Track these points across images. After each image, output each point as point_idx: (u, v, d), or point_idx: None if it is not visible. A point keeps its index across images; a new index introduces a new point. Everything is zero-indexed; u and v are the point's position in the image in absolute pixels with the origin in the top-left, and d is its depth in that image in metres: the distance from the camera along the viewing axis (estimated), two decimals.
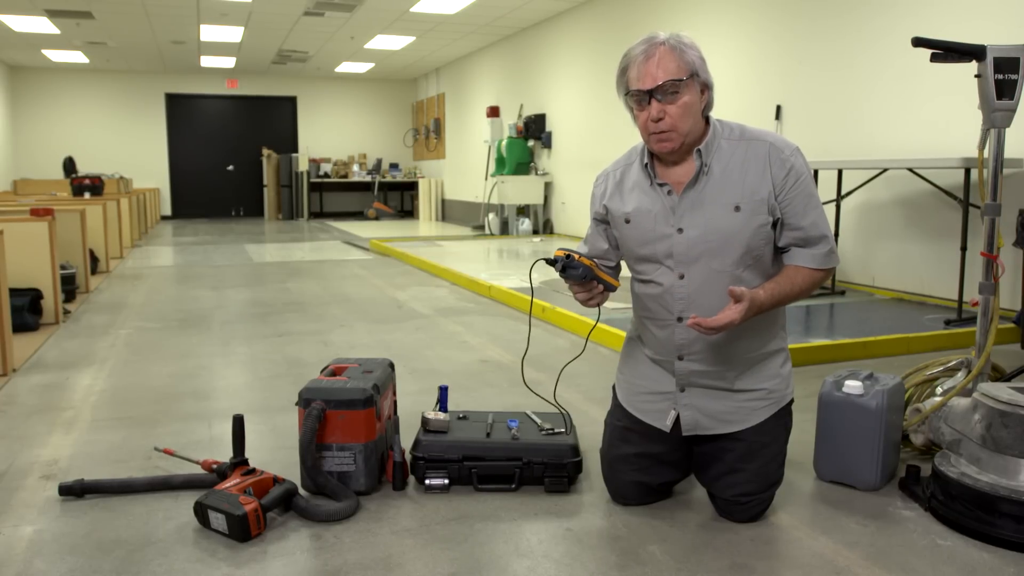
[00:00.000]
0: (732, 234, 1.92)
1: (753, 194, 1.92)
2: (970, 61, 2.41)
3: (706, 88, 1.94)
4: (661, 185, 1.98)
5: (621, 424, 2.15)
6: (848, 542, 1.93)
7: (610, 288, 2.04)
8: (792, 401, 2.10)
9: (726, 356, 1.99)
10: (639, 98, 1.90)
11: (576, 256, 1.95)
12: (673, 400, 2.06)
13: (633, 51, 1.92)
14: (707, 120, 1.98)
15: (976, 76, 2.40)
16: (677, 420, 2.06)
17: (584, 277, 1.96)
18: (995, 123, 2.40)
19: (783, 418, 2.07)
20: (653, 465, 2.10)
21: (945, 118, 4.96)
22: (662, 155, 1.97)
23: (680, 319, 1.99)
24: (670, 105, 1.88)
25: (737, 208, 1.92)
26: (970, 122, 4.77)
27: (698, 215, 1.94)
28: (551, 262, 1.96)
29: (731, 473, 2.01)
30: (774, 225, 1.95)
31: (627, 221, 2.04)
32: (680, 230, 1.96)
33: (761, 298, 1.87)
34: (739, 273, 1.95)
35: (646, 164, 2.01)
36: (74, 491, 2.19)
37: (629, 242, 2.06)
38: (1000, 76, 2.36)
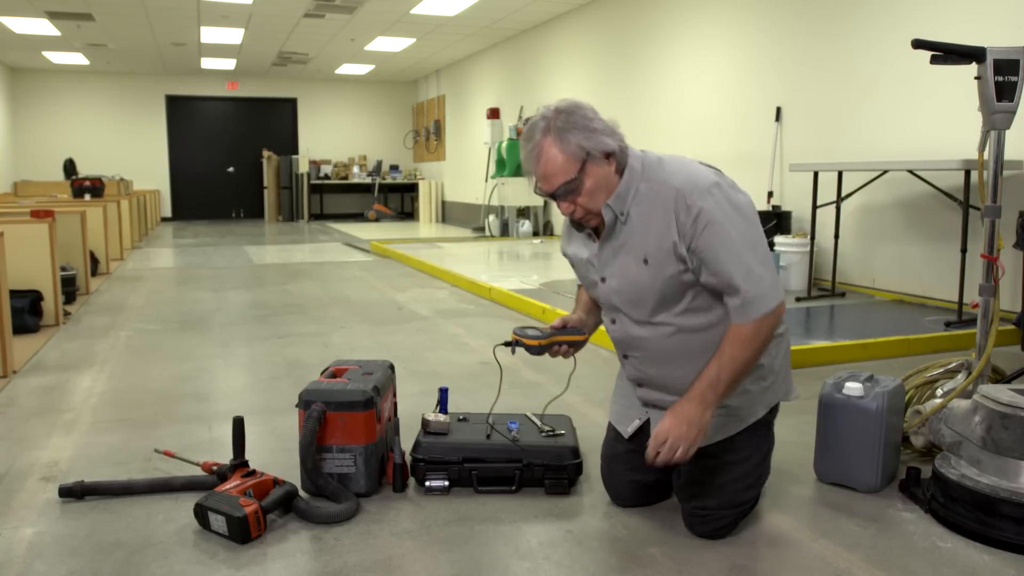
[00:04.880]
0: (644, 287, 1.87)
1: (659, 245, 1.82)
2: (970, 63, 2.41)
3: (610, 155, 1.83)
4: (590, 233, 1.97)
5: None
6: (848, 544, 1.93)
7: (577, 345, 2.09)
8: (769, 421, 2.01)
9: (682, 388, 1.89)
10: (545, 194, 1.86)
11: (525, 341, 2.04)
12: (639, 410, 2.09)
13: (523, 143, 1.86)
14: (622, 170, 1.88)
15: (976, 78, 2.40)
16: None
17: (540, 353, 2.07)
18: (995, 125, 2.40)
19: (755, 438, 1.98)
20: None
21: (945, 120, 4.96)
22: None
23: (626, 356, 2.03)
24: (576, 197, 1.83)
25: (645, 261, 1.85)
26: (970, 124, 4.76)
27: (617, 265, 1.91)
28: (507, 344, 2.09)
29: (693, 484, 1.96)
30: (695, 270, 1.83)
31: (572, 265, 2.09)
32: (603, 279, 1.96)
33: (709, 399, 1.78)
34: (672, 320, 1.89)
35: None
36: (74, 493, 2.19)
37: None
38: (1000, 78, 2.37)
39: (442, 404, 2.50)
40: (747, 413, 1.96)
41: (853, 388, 2.20)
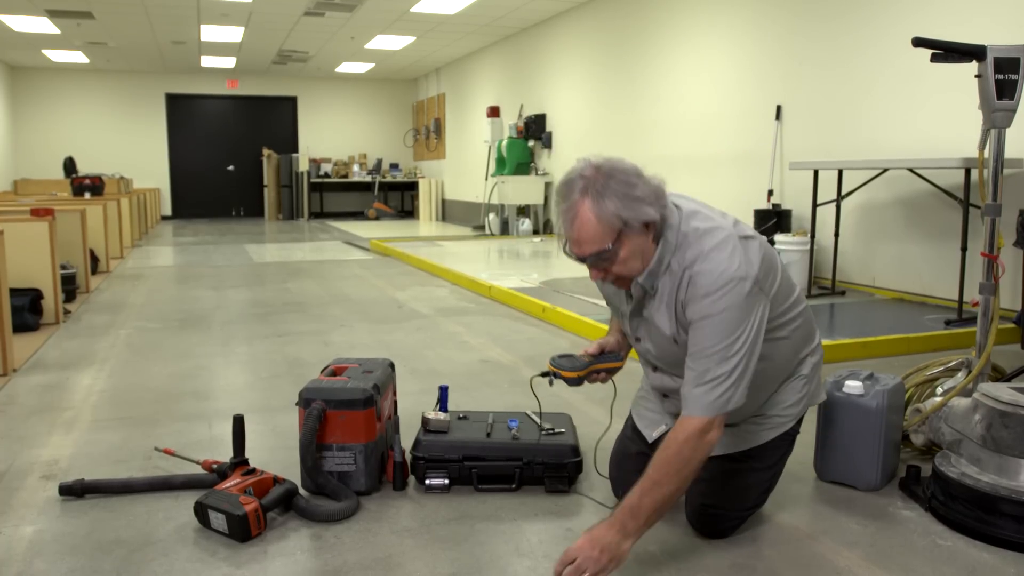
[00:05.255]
0: (680, 358, 1.80)
1: (680, 328, 1.78)
2: (970, 61, 2.41)
3: (649, 224, 1.71)
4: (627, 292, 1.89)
5: (632, 423, 2.17)
6: (848, 542, 1.93)
7: (613, 371, 2.08)
8: (796, 431, 2.02)
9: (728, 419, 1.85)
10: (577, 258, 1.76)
11: (563, 373, 2.02)
12: (667, 417, 2.07)
13: (558, 200, 1.73)
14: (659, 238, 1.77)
15: (976, 76, 2.40)
16: None
17: (578, 383, 2.05)
18: (995, 123, 2.40)
19: (782, 446, 1.99)
20: None
21: (945, 118, 4.96)
22: None
23: (666, 395, 2.02)
24: (608, 266, 1.75)
25: (675, 341, 1.81)
26: (970, 122, 4.76)
27: (650, 331, 1.88)
28: (544, 374, 2.07)
29: (706, 481, 1.90)
30: None
31: (608, 304, 2.05)
32: (638, 339, 1.94)
33: (629, 528, 1.63)
34: None
35: None
36: (74, 491, 2.19)
37: None
38: (1000, 76, 2.37)
39: (442, 402, 2.50)
40: (780, 422, 1.97)
41: (853, 386, 2.20)
